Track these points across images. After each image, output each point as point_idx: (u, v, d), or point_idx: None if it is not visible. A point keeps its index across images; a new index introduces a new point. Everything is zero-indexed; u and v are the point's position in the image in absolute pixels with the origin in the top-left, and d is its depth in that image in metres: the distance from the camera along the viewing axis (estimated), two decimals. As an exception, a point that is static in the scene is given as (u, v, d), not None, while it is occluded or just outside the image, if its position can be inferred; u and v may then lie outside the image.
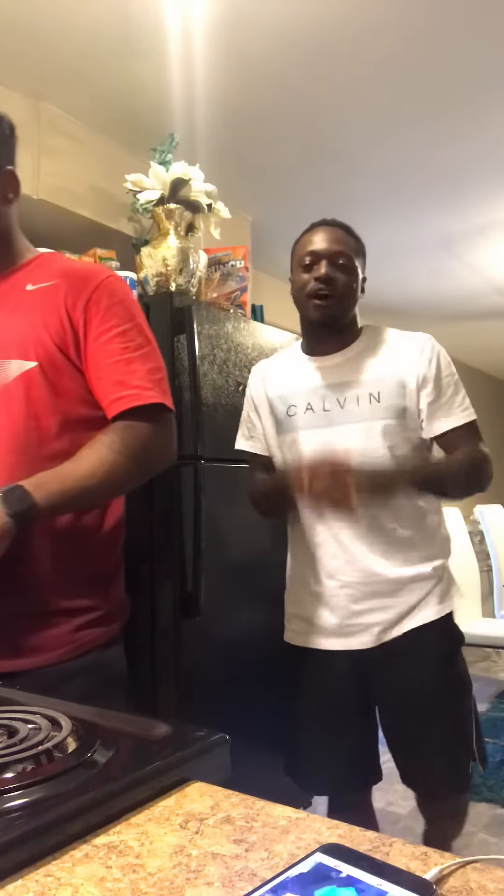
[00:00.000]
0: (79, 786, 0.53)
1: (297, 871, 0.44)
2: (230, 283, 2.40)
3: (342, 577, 1.39)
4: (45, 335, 1.06)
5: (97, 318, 1.08)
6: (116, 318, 1.09)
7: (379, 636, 1.38)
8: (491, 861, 0.47)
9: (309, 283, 1.38)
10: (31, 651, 1.03)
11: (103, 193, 2.48)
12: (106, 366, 1.07)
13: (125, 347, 1.08)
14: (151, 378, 1.09)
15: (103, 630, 1.11)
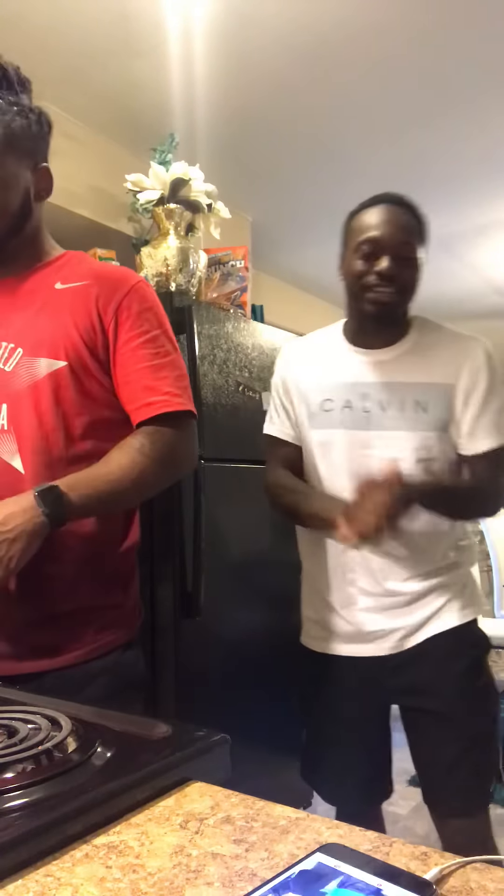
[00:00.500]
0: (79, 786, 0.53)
1: (297, 871, 0.44)
2: (230, 283, 2.40)
3: (362, 585, 1.30)
4: (76, 335, 1.07)
5: (128, 322, 1.09)
6: (147, 323, 1.10)
7: (400, 642, 1.30)
8: (491, 861, 0.47)
9: (367, 274, 1.22)
10: (54, 651, 1.04)
11: (103, 193, 2.48)
12: (135, 371, 1.08)
13: (155, 353, 1.10)
14: (179, 385, 1.11)
15: (123, 631, 1.12)
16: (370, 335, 1.31)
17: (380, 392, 1.28)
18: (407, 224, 1.23)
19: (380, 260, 1.21)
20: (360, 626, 1.31)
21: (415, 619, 1.29)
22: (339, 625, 1.34)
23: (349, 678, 1.34)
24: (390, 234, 1.21)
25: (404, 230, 1.22)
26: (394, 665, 1.30)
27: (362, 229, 1.23)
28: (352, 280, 1.26)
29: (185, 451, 1.13)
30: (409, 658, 1.30)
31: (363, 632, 1.31)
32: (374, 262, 1.21)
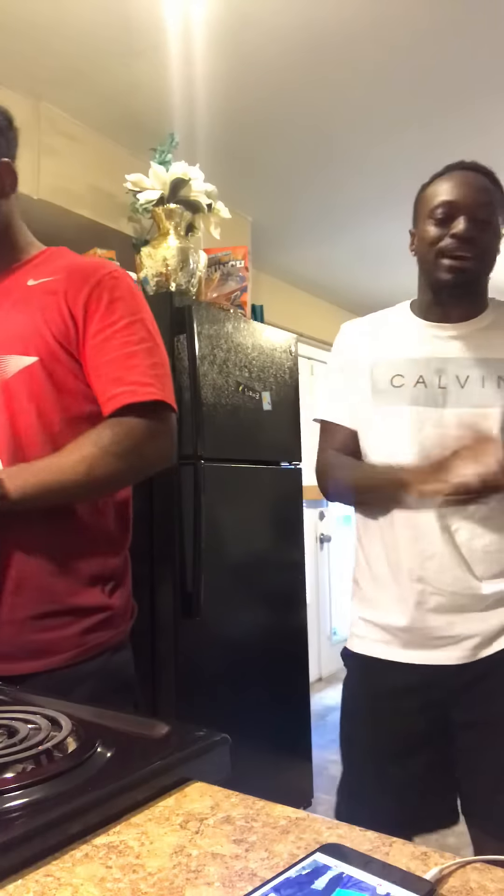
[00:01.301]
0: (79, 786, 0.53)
1: (297, 871, 0.44)
2: (230, 283, 2.40)
3: (435, 583, 1.16)
4: (46, 330, 1.05)
5: (98, 313, 1.06)
6: (117, 313, 1.07)
7: (473, 651, 1.15)
8: (491, 861, 0.47)
9: (442, 238, 1.15)
10: (40, 653, 1.02)
11: (103, 193, 2.48)
12: (104, 362, 1.05)
13: (126, 342, 1.05)
14: (152, 374, 1.05)
15: (112, 632, 1.09)
16: (447, 308, 1.22)
17: (458, 367, 1.18)
18: (484, 186, 1.17)
19: (456, 222, 1.14)
20: (427, 629, 1.17)
21: (490, 625, 1.15)
22: (401, 626, 1.19)
23: (410, 690, 1.18)
24: (466, 195, 1.14)
25: (481, 191, 1.16)
26: (463, 679, 1.16)
27: (436, 195, 1.17)
28: (426, 248, 1.18)
29: (153, 444, 1.06)
30: (481, 671, 1.15)
31: (431, 636, 1.16)
32: (450, 226, 1.14)
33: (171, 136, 2.32)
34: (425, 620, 1.17)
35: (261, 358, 2.28)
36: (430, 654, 1.17)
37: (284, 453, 2.37)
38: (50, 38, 1.99)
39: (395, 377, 1.20)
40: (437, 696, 1.17)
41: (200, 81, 2.20)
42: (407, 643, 1.19)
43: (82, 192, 2.42)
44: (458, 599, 1.15)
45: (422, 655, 1.17)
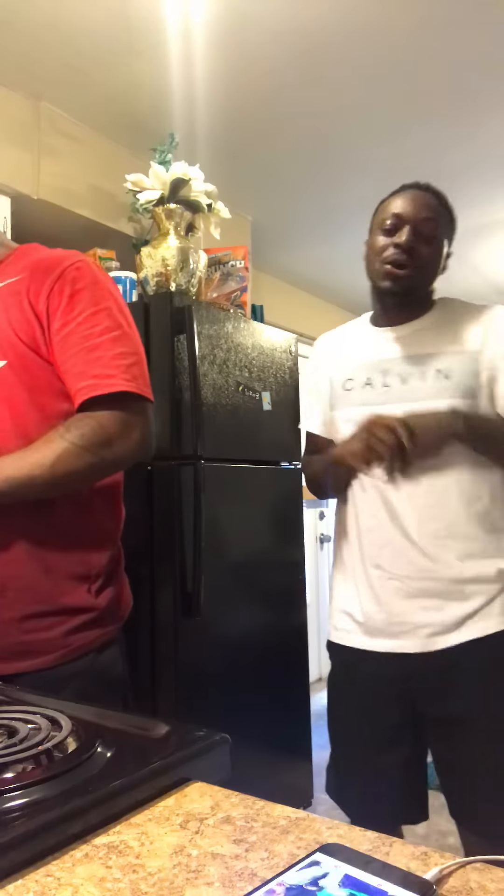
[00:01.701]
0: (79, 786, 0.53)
1: (297, 871, 0.44)
2: (230, 283, 2.40)
3: (391, 569, 1.21)
4: (11, 332, 1.03)
5: (60, 308, 1.04)
6: (79, 305, 1.04)
7: (427, 641, 1.19)
8: (491, 861, 0.47)
9: (387, 248, 1.23)
10: (24, 654, 1.01)
11: (103, 193, 2.49)
12: (69, 357, 1.03)
13: (88, 334, 1.03)
14: (117, 364, 1.02)
15: (99, 632, 1.07)
16: (392, 313, 1.31)
17: (400, 365, 1.25)
18: (430, 204, 1.25)
19: (400, 233, 1.23)
20: (386, 615, 1.22)
21: (447, 615, 1.18)
22: (363, 614, 1.25)
23: (375, 677, 1.24)
24: (413, 210, 1.23)
25: (426, 208, 1.24)
26: (424, 670, 1.19)
27: (388, 208, 1.26)
28: (373, 256, 1.27)
29: (124, 436, 1.03)
30: (441, 664, 1.18)
31: (390, 623, 1.21)
32: (395, 236, 1.23)
33: (171, 136, 2.32)
34: (384, 606, 1.22)
35: (261, 358, 2.28)
36: (389, 642, 1.22)
37: (284, 453, 2.37)
38: (50, 38, 1.99)
39: (347, 381, 1.31)
40: (404, 687, 1.21)
41: (200, 81, 2.20)
42: (370, 631, 1.24)
43: (82, 192, 2.42)
44: (414, 584, 1.20)
45: (383, 644, 1.23)
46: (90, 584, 1.08)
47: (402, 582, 1.21)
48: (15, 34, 1.97)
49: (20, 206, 2.22)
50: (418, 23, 1.96)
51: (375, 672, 1.24)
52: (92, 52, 2.05)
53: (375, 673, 1.24)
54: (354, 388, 1.30)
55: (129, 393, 1.03)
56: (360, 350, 1.32)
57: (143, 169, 2.25)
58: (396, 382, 1.25)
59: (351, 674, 1.29)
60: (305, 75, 2.19)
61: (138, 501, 1.98)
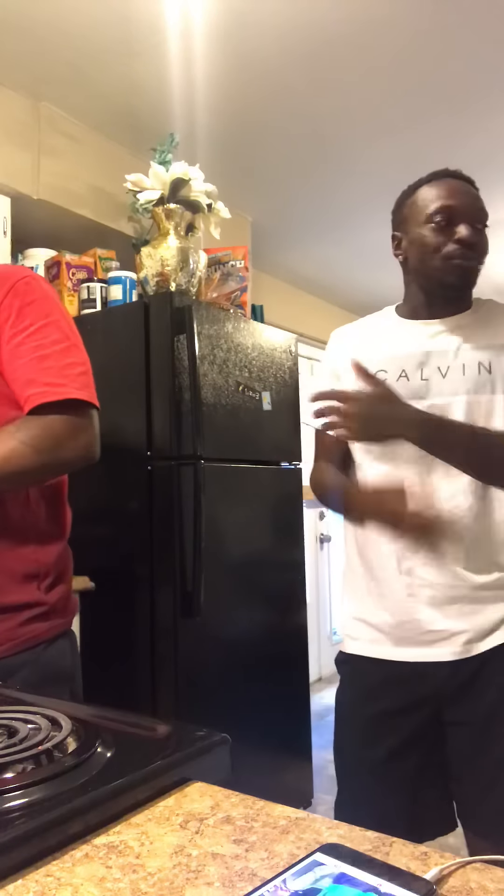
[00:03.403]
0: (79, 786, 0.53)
1: (297, 871, 0.44)
2: (230, 283, 2.40)
3: (423, 575, 1.16)
4: None
5: (9, 321, 1.08)
6: (29, 318, 1.08)
7: (466, 647, 1.14)
8: (491, 861, 0.47)
9: (446, 244, 1.17)
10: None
11: (103, 193, 2.49)
12: (19, 366, 1.07)
13: (38, 346, 1.07)
14: (66, 374, 1.07)
15: (46, 625, 1.11)
16: (437, 307, 1.25)
17: (439, 359, 1.20)
18: (476, 194, 1.22)
19: (459, 228, 1.16)
20: (418, 625, 1.16)
21: (480, 621, 1.15)
22: (391, 623, 1.19)
23: (402, 690, 1.18)
24: (464, 201, 1.18)
25: (476, 199, 1.21)
26: (455, 677, 1.15)
27: (434, 199, 1.19)
28: (428, 254, 1.20)
29: (72, 440, 1.07)
30: (471, 670, 1.15)
31: (422, 631, 1.16)
32: (453, 231, 1.17)
33: (171, 136, 2.32)
34: (415, 615, 1.16)
35: (261, 358, 2.28)
36: (421, 650, 1.16)
37: (284, 453, 2.37)
38: (50, 38, 1.99)
39: (379, 373, 1.21)
40: (429, 695, 1.17)
41: (200, 81, 2.21)
42: (398, 640, 1.18)
43: (82, 192, 2.42)
44: (447, 591, 1.15)
45: (413, 653, 1.17)
46: (40, 582, 1.11)
47: (435, 590, 1.16)
48: (15, 34, 1.97)
49: (20, 206, 2.22)
50: (418, 24, 1.96)
51: (397, 681, 1.19)
52: (92, 52, 2.05)
53: (397, 683, 1.19)
54: (387, 381, 1.20)
55: (78, 400, 1.07)
56: (393, 342, 1.25)
57: (143, 169, 2.25)
58: (436, 376, 1.19)
59: (368, 683, 1.23)
60: (305, 75, 2.19)
61: (138, 501, 1.98)
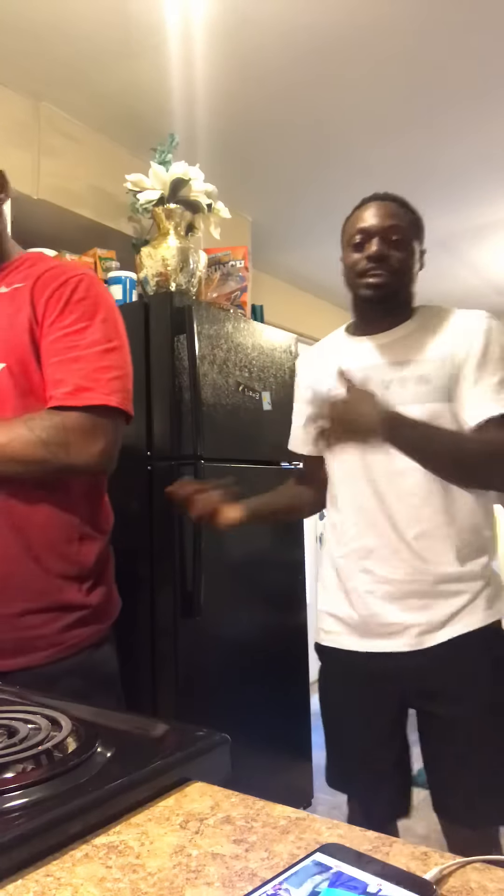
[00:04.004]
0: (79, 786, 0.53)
1: (297, 872, 0.44)
2: (230, 283, 2.40)
3: (379, 572, 1.25)
4: (13, 336, 1.06)
5: (54, 313, 1.06)
6: (74, 315, 1.06)
7: (418, 639, 1.23)
8: (491, 861, 0.47)
9: (360, 262, 1.28)
10: (18, 652, 1.02)
11: (103, 193, 2.48)
12: (52, 363, 1.05)
13: (74, 345, 1.04)
14: (96, 377, 1.04)
15: (91, 629, 1.09)
16: (372, 323, 1.34)
17: (382, 372, 1.28)
18: (394, 212, 1.30)
19: (370, 244, 1.28)
20: (374, 618, 1.26)
21: (435, 614, 1.22)
22: (352, 616, 1.29)
23: (363, 677, 1.29)
24: (377, 221, 1.28)
25: (391, 216, 1.29)
26: (412, 666, 1.23)
27: (354, 224, 1.32)
28: (349, 272, 1.32)
29: (84, 442, 1.04)
30: (429, 660, 1.22)
31: (378, 624, 1.26)
32: (366, 249, 1.28)
33: (171, 136, 2.32)
34: (374, 609, 1.26)
35: (261, 358, 2.28)
36: (380, 642, 1.26)
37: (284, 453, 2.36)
38: (50, 38, 1.99)
39: (329, 390, 1.30)
40: (393, 685, 1.26)
41: (200, 81, 2.20)
42: (361, 633, 1.29)
43: (82, 192, 2.42)
44: (402, 586, 1.24)
45: (374, 644, 1.27)
46: (81, 583, 1.10)
47: (392, 586, 1.24)
48: (15, 34, 1.97)
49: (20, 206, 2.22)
50: (418, 23, 1.96)
51: (364, 671, 1.29)
52: (92, 52, 2.05)
53: (364, 672, 1.29)
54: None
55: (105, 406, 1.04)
56: (342, 360, 1.34)
57: (143, 169, 2.25)
58: (380, 389, 1.26)
59: (342, 674, 1.34)
60: (306, 75, 2.19)
61: (138, 501, 1.98)
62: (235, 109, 2.37)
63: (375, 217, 1.29)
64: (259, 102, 2.34)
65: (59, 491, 1.09)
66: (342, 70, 2.17)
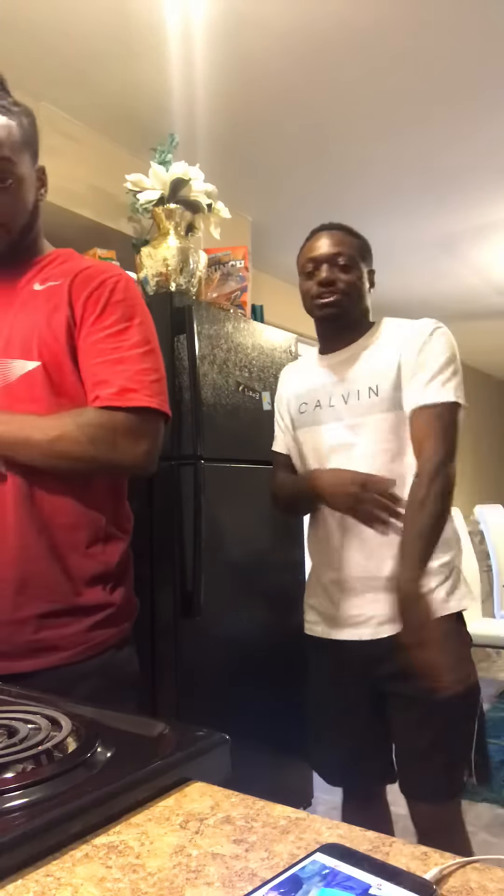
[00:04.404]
0: (79, 786, 0.53)
1: (297, 871, 0.44)
2: (230, 283, 2.40)
3: (346, 568, 1.40)
4: (49, 335, 1.06)
5: (94, 314, 1.07)
6: (114, 316, 1.07)
7: (376, 629, 1.36)
8: (491, 861, 0.47)
9: (312, 287, 1.43)
10: (44, 651, 1.03)
11: (103, 193, 2.49)
12: (94, 364, 1.06)
13: (117, 347, 1.06)
14: (139, 379, 1.06)
15: (116, 629, 1.10)
16: (332, 340, 1.50)
17: (340, 387, 1.44)
18: (341, 239, 1.43)
19: (319, 271, 1.42)
20: (341, 610, 1.41)
21: (388, 606, 1.32)
22: (327, 608, 1.45)
23: (337, 662, 1.44)
24: (325, 249, 1.42)
25: (337, 244, 1.42)
26: (377, 653, 1.36)
27: (305, 255, 1.46)
28: (304, 298, 1.47)
29: (130, 443, 1.05)
30: (390, 649, 1.32)
31: (344, 615, 1.41)
32: (316, 276, 1.42)
33: (171, 136, 2.32)
34: (342, 601, 1.41)
35: (261, 358, 2.28)
36: (348, 631, 1.41)
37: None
38: (50, 38, 1.99)
39: (302, 405, 1.52)
40: (363, 669, 1.39)
41: (200, 81, 2.20)
42: (333, 623, 1.44)
43: (82, 192, 2.42)
44: (364, 582, 1.38)
45: (343, 633, 1.41)
46: (105, 583, 1.11)
47: (356, 582, 1.39)
48: (15, 34, 1.97)
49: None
50: (419, 24, 1.96)
51: (338, 658, 1.43)
52: (92, 52, 2.05)
53: (338, 658, 1.44)
54: (307, 411, 1.50)
55: (148, 408, 1.06)
56: (310, 377, 1.53)
57: (143, 169, 2.25)
58: (340, 403, 1.43)
59: (319, 659, 1.50)
60: (306, 75, 2.19)
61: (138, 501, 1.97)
62: (235, 109, 2.37)
63: (323, 246, 1.42)
64: (259, 102, 2.34)
65: (84, 491, 1.09)
66: (342, 70, 2.17)
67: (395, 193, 3.01)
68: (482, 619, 3.87)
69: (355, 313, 1.46)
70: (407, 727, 1.36)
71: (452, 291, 4.43)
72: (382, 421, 1.36)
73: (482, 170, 2.86)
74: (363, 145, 2.64)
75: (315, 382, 1.50)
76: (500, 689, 3.95)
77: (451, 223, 3.36)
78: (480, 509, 4.35)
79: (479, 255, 3.85)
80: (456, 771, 1.33)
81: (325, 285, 1.41)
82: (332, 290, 1.41)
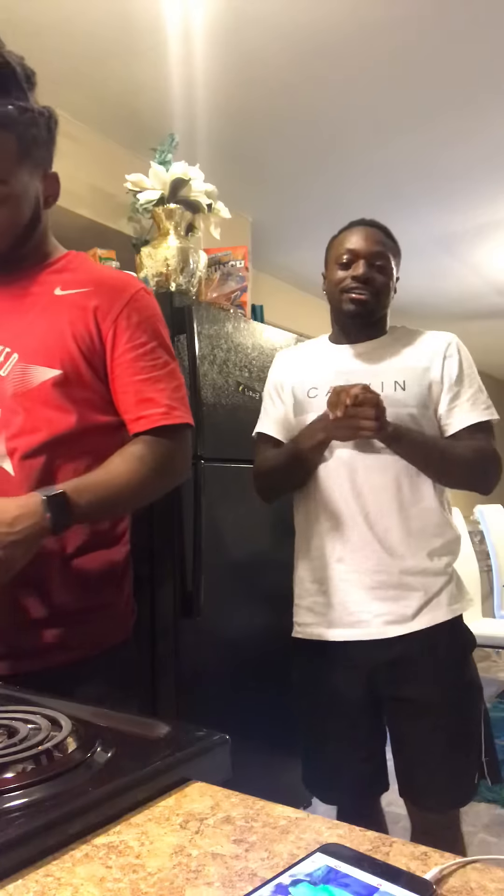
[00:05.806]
0: (79, 786, 0.53)
1: (297, 871, 0.44)
2: (230, 283, 2.40)
3: (352, 563, 1.35)
4: (73, 345, 1.07)
5: (126, 333, 1.09)
6: (145, 334, 1.10)
7: (384, 629, 1.32)
8: (491, 861, 0.47)
9: (345, 280, 1.41)
10: (47, 651, 1.04)
11: (103, 193, 2.48)
12: (132, 382, 1.09)
13: (152, 366, 1.10)
14: (176, 396, 1.12)
15: (117, 631, 1.12)
16: (351, 334, 1.47)
17: (360, 376, 1.39)
18: (380, 239, 1.44)
19: (356, 266, 1.40)
20: (345, 607, 1.35)
21: (401, 607, 1.32)
22: (326, 607, 1.38)
23: (338, 665, 1.37)
24: (366, 245, 1.41)
25: (378, 242, 1.42)
26: (381, 655, 1.33)
27: (343, 244, 1.44)
28: (334, 288, 1.45)
29: (182, 462, 1.15)
30: (396, 651, 1.32)
31: (349, 613, 1.35)
32: (352, 269, 1.41)
33: (171, 136, 2.32)
34: (344, 597, 1.35)
35: (261, 358, 2.28)
36: (349, 631, 1.34)
37: (284, 453, 2.37)
38: (50, 38, 1.99)
39: (311, 390, 1.45)
40: (363, 672, 1.35)
41: (200, 81, 2.21)
42: (332, 622, 1.37)
43: (82, 192, 2.42)
44: (373, 576, 1.33)
45: (343, 633, 1.35)
46: (106, 584, 1.12)
47: (364, 575, 1.34)
48: (15, 34, 1.96)
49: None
50: (419, 24, 1.96)
51: (335, 660, 1.37)
52: (92, 52, 2.05)
53: (335, 661, 1.37)
54: (318, 396, 1.43)
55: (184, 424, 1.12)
56: (322, 362, 1.48)
57: (143, 169, 2.25)
58: None
59: (316, 664, 1.41)
60: (306, 75, 2.19)
61: (138, 501, 1.98)
62: (235, 109, 2.37)
63: (363, 241, 1.41)
64: (259, 102, 2.34)
65: None
66: (342, 70, 2.17)
67: (395, 193, 3.01)
68: (482, 619, 3.87)
69: (378, 315, 1.46)
70: (417, 735, 1.32)
71: (452, 291, 4.43)
72: (404, 413, 1.35)
73: (482, 170, 2.86)
74: (363, 145, 2.64)
75: (329, 368, 1.45)
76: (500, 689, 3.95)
77: (451, 223, 3.36)
78: (480, 509, 4.35)
79: (479, 255, 3.85)
80: (468, 777, 1.32)
81: (361, 282, 1.39)
82: (366, 288, 1.40)
